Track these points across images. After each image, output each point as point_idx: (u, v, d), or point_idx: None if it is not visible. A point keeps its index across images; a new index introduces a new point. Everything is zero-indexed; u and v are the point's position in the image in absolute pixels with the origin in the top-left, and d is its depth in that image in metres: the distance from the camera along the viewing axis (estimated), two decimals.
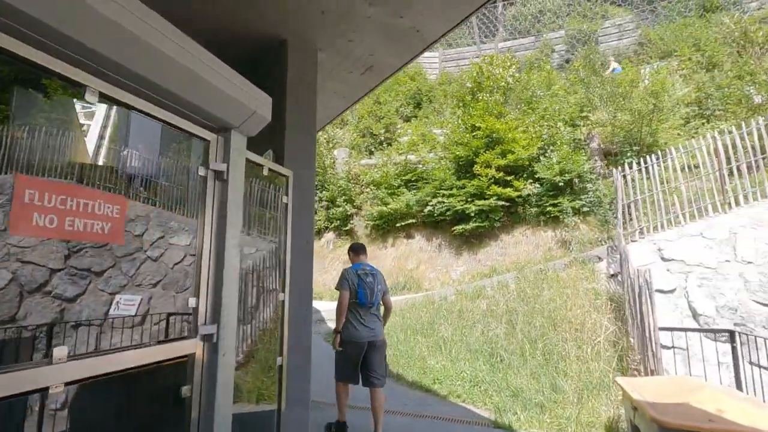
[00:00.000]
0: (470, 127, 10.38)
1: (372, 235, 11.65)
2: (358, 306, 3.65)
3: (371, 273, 3.76)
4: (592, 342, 4.77)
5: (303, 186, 3.09)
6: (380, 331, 3.73)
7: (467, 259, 10.13)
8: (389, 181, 11.38)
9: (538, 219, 9.69)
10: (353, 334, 3.60)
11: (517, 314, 5.74)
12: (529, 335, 5.21)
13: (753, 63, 9.38)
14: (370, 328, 3.63)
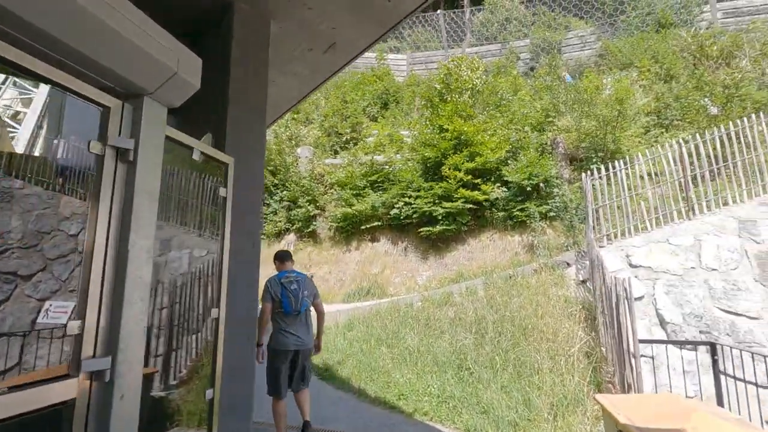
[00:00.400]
0: (438, 129, 10.13)
1: (335, 238, 11.15)
2: (284, 315, 3.60)
3: (296, 280, 3.72)
4: (565, 353, 4.54)
5: (249, 177, 2.60)
6: (309, 339, 3.70)
7: (434, 263, 9.84)
8: (354, 181, 10.94)
9: (505, 223, 9.55)
10: (280, 342, 3.58)
11: (487, 323, 5.46)
12: (499, 346, 4.92)
13: (708, 75, 9.70)
14: (297, 336, 3.60)
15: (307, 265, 10.71)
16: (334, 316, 7.38)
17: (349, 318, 6.95)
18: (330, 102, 15.34)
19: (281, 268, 3.89)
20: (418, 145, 10.29)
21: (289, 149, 12.15)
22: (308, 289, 3.76)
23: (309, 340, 3.70)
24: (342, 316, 7.19)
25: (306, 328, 3.68)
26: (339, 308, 8.02)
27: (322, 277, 10.41)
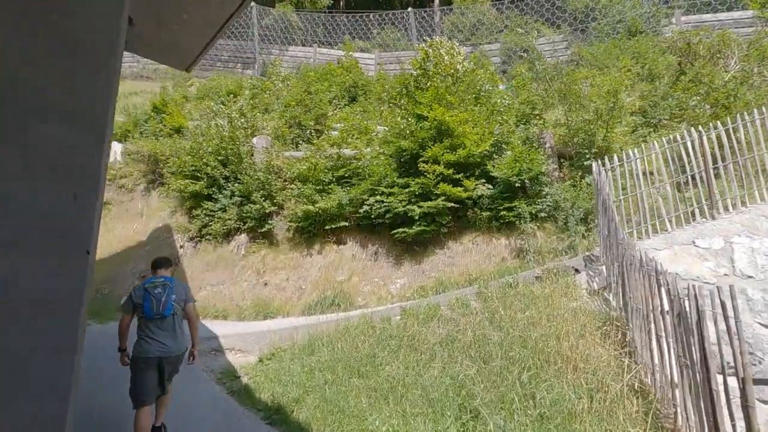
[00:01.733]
0: (416, 118, 8.94)
1: (295, 239, 9.63)
2: (146, 320, 3.53)
3: (162, 284, 3.64)
4: (603, 387, 3.35)
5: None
6: (176, 346, 3.59)
7: (409, 269, 8.56)
8: (318, 175, 9.51)
9: (490, 225, 8.46)
10: (142, 349, 3.49)
11: (490, 345, 4.21)
12: (511, 377, 3.67)
13: (700, 73, 9.15)
14: (161, 343, 3.49)
15: (261, 271, 9.12)
16: (290, 333, 5.91)
17: (309, 337, 5.50)
18: (292, 91, 13.87)
19: (153, 274, 3.81)
20: (392, 136, 9.04)
21: (243, 138, 10.53)
22: (177, 294, 3.65)
23: (176, 347, 3.58)
24: (300, 334, 5.74)
25: (173, 334, 3.56)
26: (297, 323, 6.55)
27: (278, 285, 8.86)
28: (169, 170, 11.02)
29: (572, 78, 8.89)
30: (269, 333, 6.03)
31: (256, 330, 6.46)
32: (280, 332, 6.09)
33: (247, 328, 6.75)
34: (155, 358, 3.46)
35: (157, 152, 11.81)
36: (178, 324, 3.64)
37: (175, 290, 3.66)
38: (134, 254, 10.22)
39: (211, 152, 10.26)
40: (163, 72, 20.16)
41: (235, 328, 6.86)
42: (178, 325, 3.64)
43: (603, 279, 5.18)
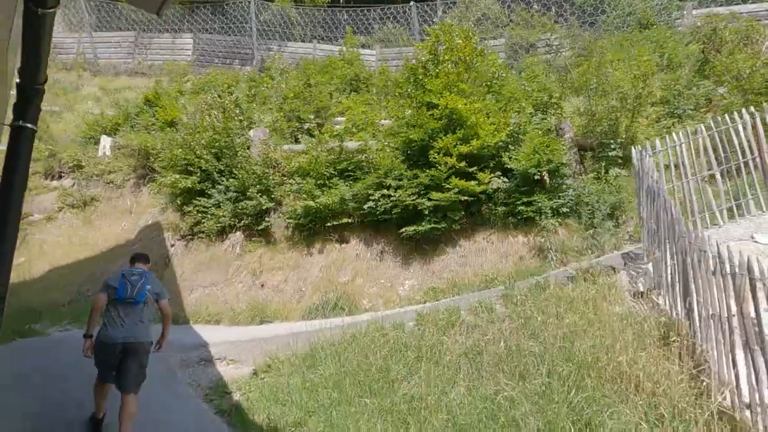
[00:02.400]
0: (425, 106, 8.27)
1: (294, 238, 8.95)
2: (117, 302, 3.52)
3: (139, 273, 3.67)
4: (680, 413, 2.68)
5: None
6: (141, 334, 3.53)
7: (418, 270, 7.90)
8: (319, 169, 8.84)
9: (506, 221, 7.80)
10: (106, 333, 3.46)
11: (527, 357, 3.54)
12: (559, 398, 2.99)
13: (731, 59, 8.51)
14: (126, 328, 3.44)
15: (257, 272, 8.43)
16: (289, 341, 5.22)
17: (311, 345, 4.82)
18: (291, 83, 13.22)
19: (130, 267, 3.84)
20: (400, 127, 8.38)
21: (239, 129, 9.85)
22: (152, 285, 3.67)
23: (141, 335, 3.53)
24: (301, 342, 5.05)
25: (139, 322, 3.54)
26: (297, 329, 5.88)
27: (276, 287, 8.17)
28: (160, 165, 10.33)
29: (600, 61, 8.23)
30: (266, 340, 5.35)
31: (252, 337, 5.78)
32: (278, 340, 5.41)
33: (241, 335, 6.07)
34: (118, 344, 3.41)
35: (148, 146, 11.12)
36: (146, 314, 3.64)
37: (151, 282, 3.68)
38: (122, 253, 9.51)
39: (204, 145, 9.59)
40: (158, 69, 19.50)
41: (228, 334, 6.17)
42: (147, 315, 3.65)
43: (650, 279, 4.51)
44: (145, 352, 3.59)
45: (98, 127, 12.88)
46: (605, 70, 7.98)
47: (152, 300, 3.67)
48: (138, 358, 3.51)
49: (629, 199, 6.99)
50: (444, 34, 8.73)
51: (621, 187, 7.24)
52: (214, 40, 22.03)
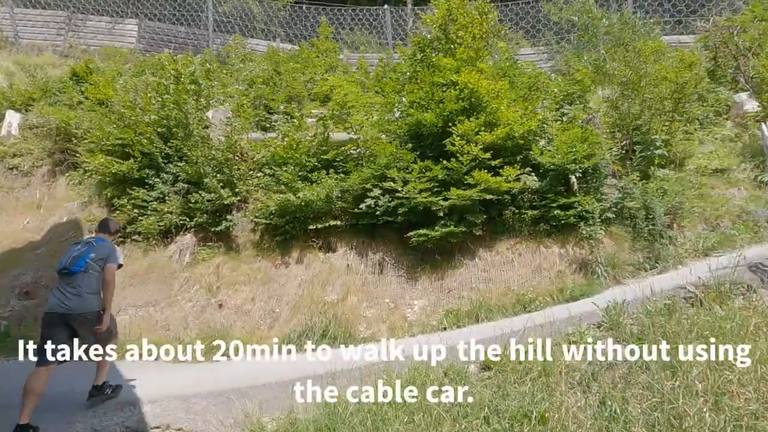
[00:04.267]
0: (438, 87, 6.78)
1: (263, 243, 6.97)
2: (58, 275, 3.53)
3: (87, 242, 3.65)
4: None
5: None
6: (79, 305, 3.37)
7: (428, 286, 6.24)
8: (299, 157, 7.01)
9: (536, 228, 6.39)
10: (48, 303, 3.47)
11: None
12: None
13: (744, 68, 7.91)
14: (64, 299, 3.37)
15: (213, 287, 6.34)
16: (276, 395, 3.30)
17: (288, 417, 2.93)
18: (259, 65, 11.35)
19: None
20: (407, 106, 6.81)
21: (194, 109, 7.77)
22: (98, 252, 3.52)
23: (79, 305, 3.37)
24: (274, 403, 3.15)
25: (75, 292, 3.38)
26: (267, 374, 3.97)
27: (239, 308, 6.13)
28: (85, 148, 7.96)
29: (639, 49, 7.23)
30: (239, 393, 3.39)
31: (214, 388, 3.76)
32: (254, 391, 3.48)
33: (194, 382, 4.03)
34: (58, 314, 3.35)
35: (70, 124, 8.69)
36: (88, 283, 3.44)
37: (97, 250, 3.54)
38: (20, 260, 7.00)
39: (148, 123, 7.43)
40: (94, 54, 16.65)
41: (174, 381, 4.10)
42: (89, 284, 3.45)
43: None
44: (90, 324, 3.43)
45: (4, 100, 10.13)
46: (644, 60, 6.99)
47: (97, 267, 3.49)
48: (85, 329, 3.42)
49: (691, 203, 5.85)
50: (457, 9, 7.36)
51: (675, 190, 6.09)
52: (163, 29, 19.25)
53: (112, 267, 3.53)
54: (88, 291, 3.41)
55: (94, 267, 3.45)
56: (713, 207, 6.14)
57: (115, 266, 3.55)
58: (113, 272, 3.54)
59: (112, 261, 3.54)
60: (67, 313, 3.34)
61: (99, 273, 3.46)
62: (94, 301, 3.45)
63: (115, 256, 3.59)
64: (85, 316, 3.39)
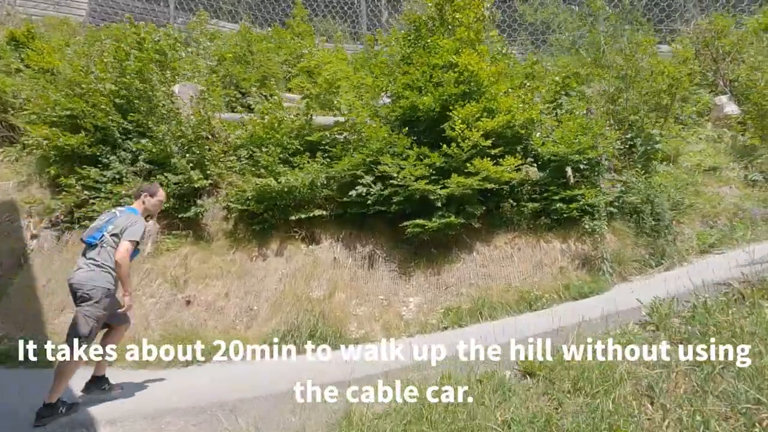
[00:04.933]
0: (435, 69, 6.31)
1: (238, 233, 6.23)
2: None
3: (113, 212, 3.33)
4: None
5: None
6: (84, 277, 3.01)
7: (423, 282, 5.75)
8: (280, 138, 6.32)
9: (536, 222, 6.07)
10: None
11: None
12: None
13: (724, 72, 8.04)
14: (75, 270, 3.11)
15: (180, 281, 5.53)
16: (268, 410, 2.69)
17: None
18: (230, 41, 10.45)
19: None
20: (401, 88, 6.28)
21: (159, 79, 6.85)
22: (116, 224, 3.14)
23: (80, 277, 3.01)
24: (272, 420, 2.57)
25: (86, 264, 3.04)
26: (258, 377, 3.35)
27: (210, 305, 5.38)
28: (25, 119, 6.85)
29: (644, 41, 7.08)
30: (225, 409, 2.74)
31: (190, 400, 3.08)
32: (251, 407, 2.84)
33: (169, 393, 3.32)
34: (69, 284, 3.08)
35: (6, 92, 7.49)
36: (100, 257, 3.06)
37: (118, 221, 3.18)
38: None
39: (104, 93, 6.47)
40: (36, 22, 14.90)
41: (142, 392, 3.36)
42: (104, 259, 3.06)
43: None
44: (85, 300, 2.97)
45: None
46: (642, 53, 6.87)
47: (112, 243, 3.09)
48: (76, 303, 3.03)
49: (690, 200, 5.71)
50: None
51: (676, 186, 5.96)
52: (118, 2, 17.60)
53: (125, 244, 3.05)
54: (96, 266, 3.05)
55: (109, 241, 3.09)
56: (711, 204, 6.08)
57: (128, 243, 3.06)
58: (124, 249, 3.03)
59: (128, 236, 3.08)
60: (71, 284, 3.06)
61: (113, 249, 3.06)
62: (101, 277, 3.04)
63: (132, 230, 3.12)
64: (81, 290, 2.99)
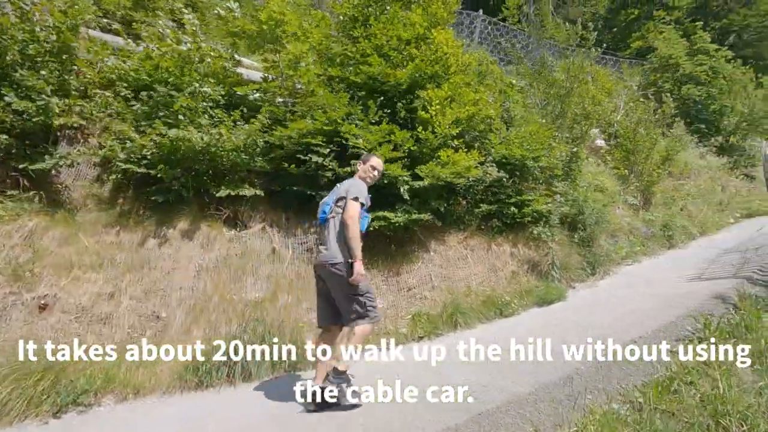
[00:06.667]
0: (402, 42, 5.52)
1: (124, 204, 4.27)
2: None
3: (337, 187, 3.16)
4: None
5: None
6: (323, 254, 2.90)
7: (382, 284, 4.95)
8: (187, 79, 4.58)
9: (487, 224, 5.87)
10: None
11: None
12: None
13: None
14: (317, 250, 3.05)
15: (24, 271, 3.39)
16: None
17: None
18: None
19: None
20: (366, 53, 5.27)
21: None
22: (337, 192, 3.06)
23: (324, 255, 2.90)
24: None
25: (325, 240, 2.96)
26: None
27: (87, 310, 3.43)
28: None
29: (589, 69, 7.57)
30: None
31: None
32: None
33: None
34: (313, 266, 3.06)
35: None
36: (330, 228, 2.96)
37: (337, 190, 3.10)
38: None
39: None
40: None
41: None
42: (330, 229, 2.96)
43: None
44: (336, 275, 2.83)
45: None
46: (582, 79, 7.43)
47: (338, 209, 2.96)
48: (332, 283, 2.88)
49: (603, 215, 6.33)
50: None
51: (599, 200, 6.54)
52: None
53: (351, 203, 2.86)
54: (331, 238, 2.91)
55: (336, 212, 2.97)
56: (614, 221, 6.90)
57: (353, 201, 2.87)
58: (352, 208, 2.84)
59: (351, 195, 2.90)
60: (316, 264, 2.98)
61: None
62: (341, 249, 2.84)
63: (354, 189, 2.94)
64: (327, 267, 2.83)
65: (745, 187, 11.25)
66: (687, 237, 7.58)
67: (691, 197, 8.94)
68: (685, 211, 8.67)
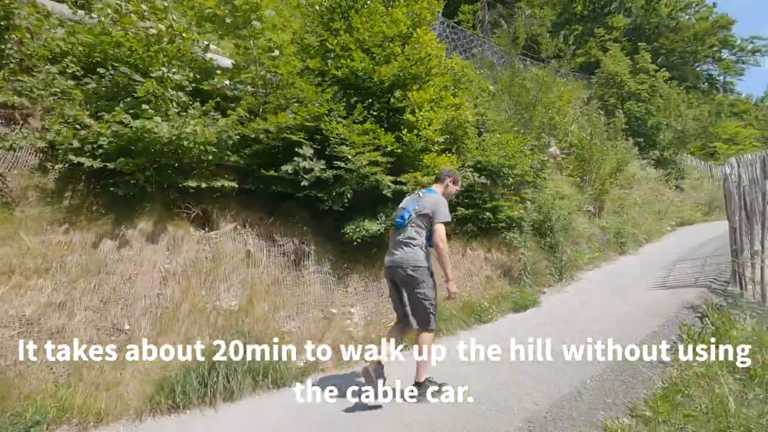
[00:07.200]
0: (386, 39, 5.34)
1: (74, 198, 3.72)
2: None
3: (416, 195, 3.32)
4: None
5: None
6: (401, 258, 3.05)
7: (361, 289, 4.76)
8: (168, 62, 4.12)
9: (462, 229, 5.88)
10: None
11: None
12: None
13: None
14: (390, 252, 3.19)
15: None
16: None
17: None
18: None
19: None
20: (348, 47, 5.03)
21: None
22: (422, 205, 3.15)
23: (401, 259, 3.05)
24: None
25: (401, 244, 3.10)
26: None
27: (34, 322, 2.93)
28: None
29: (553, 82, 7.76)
30: None
31: None
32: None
33: None
34: (387, 268, 3.18)
35: None
36: (410, 235, 3.10)
37: (422, 201, 3.18)
38: None
39: None
40: None
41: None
42: (411, 236, 3.10)
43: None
44: (410, 281, 3.02)
45: None
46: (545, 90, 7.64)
47: (419, 224, 3.10)
48: (407, 287, 3.07)
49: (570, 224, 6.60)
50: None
51: (565, 208, 6.78)
52: None
53: (440, 227, 3.02)
54: (410, 244, 3.06)
55: (416, 222, 3.10)
56: (576, 228, 7.21)
57: (441, 225, 3.03)
58: (441, 233, 3.01)
59: (438, 217, 3.04)
60: (390, 266, 3.13)
61: (421, 229, 3.09)
62: (416, 254, 3.04)
63: (441, 212, 3.07)
64: (403, 268, 3.01)
65: (678, 197, 12.34)
66: (636, 244, 8.13)
67: (637, 206, 9.62)
68: (631, 219, 9.31)
